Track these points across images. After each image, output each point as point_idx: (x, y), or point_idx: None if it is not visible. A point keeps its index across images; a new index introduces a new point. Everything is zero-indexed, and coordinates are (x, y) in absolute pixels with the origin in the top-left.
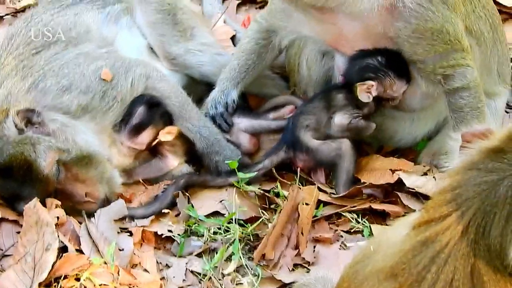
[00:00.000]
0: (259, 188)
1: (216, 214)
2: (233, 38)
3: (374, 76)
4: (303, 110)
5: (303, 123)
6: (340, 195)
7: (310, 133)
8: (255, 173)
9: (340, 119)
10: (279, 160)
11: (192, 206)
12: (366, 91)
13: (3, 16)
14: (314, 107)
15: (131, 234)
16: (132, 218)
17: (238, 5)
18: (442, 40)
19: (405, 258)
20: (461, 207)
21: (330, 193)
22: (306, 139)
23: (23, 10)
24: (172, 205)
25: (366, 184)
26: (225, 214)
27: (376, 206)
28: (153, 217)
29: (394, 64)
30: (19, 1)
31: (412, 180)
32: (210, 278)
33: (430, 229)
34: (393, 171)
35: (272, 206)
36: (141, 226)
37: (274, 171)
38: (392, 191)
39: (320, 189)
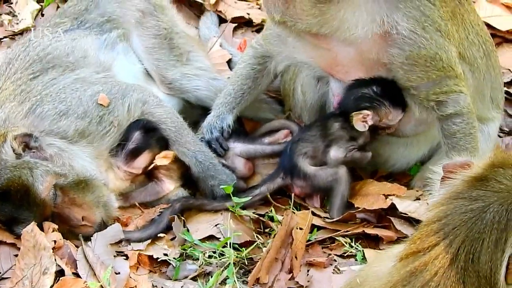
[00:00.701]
0: (253, 213)
1: (211, 238)
2: (229, 62)
3: (370, 106)
4: (301, 137)
5: (301, 151)
6: (334, 219)
7: (308, 160)
8: (250, 197)
9: (336, 153)
10: (275, 187)
11: (188, 230)
12: (362, 120)
13: (1, 38)
14: (312, 135)
15: (127, 257)
16: (128, 241)
17: (234, 29)
18: (436, 67)
19: None
20: (448, 236)
21: (324, 217)
22: (303, 166)
23: (21, 33)
24: (168, 229)
25: (359, 209)
26: (220, 238)
27: (369, 230)
28: (149, 240)
29: (389, 93)
30: (18, 24)
31: (405, 205)
32: None
33: (419, 259)
34: (386, 196)
35: (267, 230)
36: (137, 250)
37: (269, 195)
38: (385, 215)
39: (314, 214)
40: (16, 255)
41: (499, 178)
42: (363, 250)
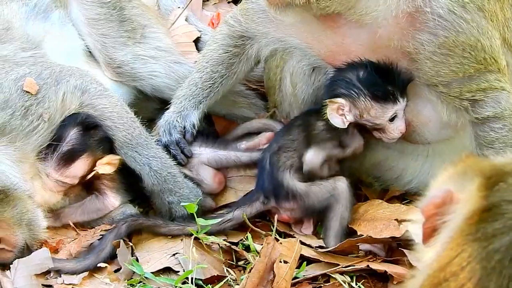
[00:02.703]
0: (224, 240)
1: (167, 270)
2: (197, 41)
3: (345, 93)
4: (282, 145)
5: (285, 163)
6: (330, 249)
7: (295, 174)
8: (219, 220)
9: (311, 157)
10: (253, 213)
11: (137, 260)
12: (339, 113)
13: None
14: (294, 140)
15: None
16: (58, 272)
17: None
18: (475, 59)
19: None
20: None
21: (316, 247)
22: (291, 184)
23: None
24: (111, 257)
25: (363, 237)
26: (179, 271)
27: (376, 266)
28: (85, 273)
29: (373, 81)
30: None
31: None
32: None
33: None
34: (399, 222)
35: (241, 263)
36: (70, 284)
37: (246, 218)
38: (397, 247)
39: (302, 243)
40: None
41: (508, 197)
42: None
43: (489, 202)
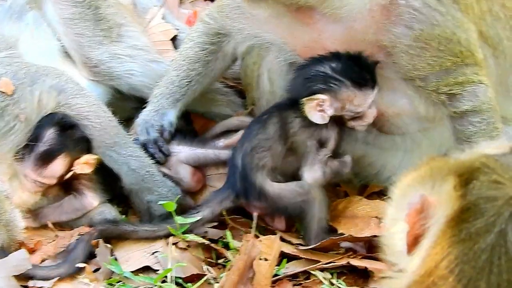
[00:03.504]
0: (203, 237)
1: (146, 269)
2: (174, 40)
3: (325, 88)
4: (255, 145)
5: (258, 164)
6: (310, 247)
7: (268, 174)
8: (198, 218)
9: (312, 175)
10: (223, 209)
11: (116, 259)
12: (318, 109)
13: None
14: (268, 139)
15: None
16: (31, 278)
17: None
18: (451, 52)
19: None
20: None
21: (297, 244)
22: (264, 184)
23: None
24: (90, 257)
25: (345, 236)
26: (158, 270)
27: (356, 262)
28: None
29: (350, 70)
30: None
31: None
32: None
33: None
34: (380, 219)
35: (220, 261)
36: (42, 287)
37: (225, 214)
38: (377, 244)
39: (283, 240)
40: None
41: (485, 194)
42: None
43: (467, 201)
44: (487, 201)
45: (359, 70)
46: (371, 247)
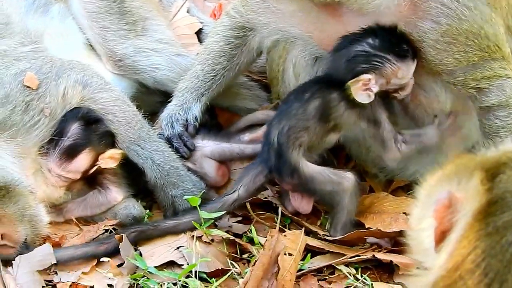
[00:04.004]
0: (228, 232)
1: (171, 265)
2: (199, 33)
3: (369, 67)
4: (293, 124)
5: (294, 143)
6: (338, 238)
7: (303, 154)
8: (223, 212)
9: (391, 156)
10: (257, 187)
11: (140, 254)
12: (364, 89)
13: None
14: (307, 119)
15: None
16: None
17: None
18: (479, 46)
19: None
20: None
21: (323, 235)
22: (299, 163)
23: None
24: (114, 252)
25: (372, 230)
26: (183, 265)
27: (382, 256)
28: (86, 268)
29: (390, 43)
30: None
31: None
32: None
33: None
34: (407, 215)
35: (245, 256)
36: (67, 282)
37: (249, 207)
38: (403, 240)
39: (307, 233)
40: None
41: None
42: (372, 284)
43: (494, 195)
44: None
45: (397, 42)
46: (396, 242)
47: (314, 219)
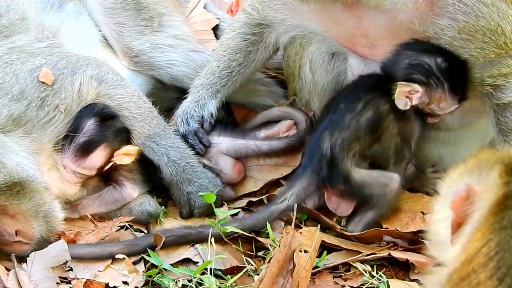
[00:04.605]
0: (242, 229)
1: (186, 262)
2: (215, 29)
3: (424, 81)
4: (346, 137)
5: (348, 154)
6: (356, 234)
7: (356, 162)
8: (237, 210)
9: (398, 172)
10: (307, 197)
11: (155, 251)
12: (407, 95)
13: None
14: (360, 130)
15: (73, 286)
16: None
17: None
18: (496, 43)
19: None
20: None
21: (341, 229)
22: (351, 171)
23: None
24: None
25: (390, 229)
26: (198, 262)
27: (397, 254)
28: (102, 266)
29: (454, 75)
30: None
31: None
32: None
33: None
34: (424, 214)
35: (260, 253)
36: (82, 279)
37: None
38: (417, 237)
39: (323, 230)
40: None
41: None
42: (387, 282)
43: (511, 188)
44: None
45: (459, 78)
46: (412, 241)
47: (331, 216)
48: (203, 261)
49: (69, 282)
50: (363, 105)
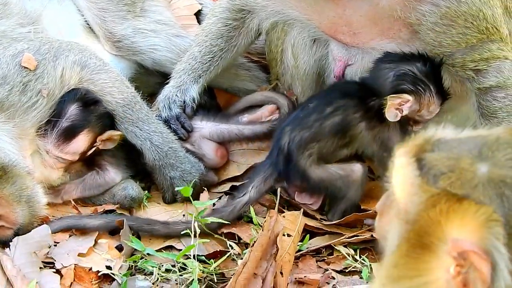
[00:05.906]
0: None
1: (169, 247)
2: (198, 15)
3: (412, 89)
4: (306, 137)
5: (304, 153)
6: (335, 222)
7: (313, 162)
8: (216, 200)
9: None
10: (267, 189)
11: (138, 237)
12: (397, 107)
13: None
14: (322, 134)
15: (57, 270)
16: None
17: None
18: (477, 28)
19: None
20: None
21: (321, 218)
22: (307, 170)
23: None
24: (112, 233)
25: (370, 212)
26: (181, 249)
27: None
28: (84, 250)
29: (436, 75)
30: None
31: None
32: None
33: None
34: None
35: (243, 239)
36: (68, 266)
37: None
38: None
39: (306, 214)
40: None
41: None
42: (370, 265)
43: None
44: None
45: (440, 77)
46: None
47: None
48: (186, 246)
49: (52, 266)
50: (332, 110)
